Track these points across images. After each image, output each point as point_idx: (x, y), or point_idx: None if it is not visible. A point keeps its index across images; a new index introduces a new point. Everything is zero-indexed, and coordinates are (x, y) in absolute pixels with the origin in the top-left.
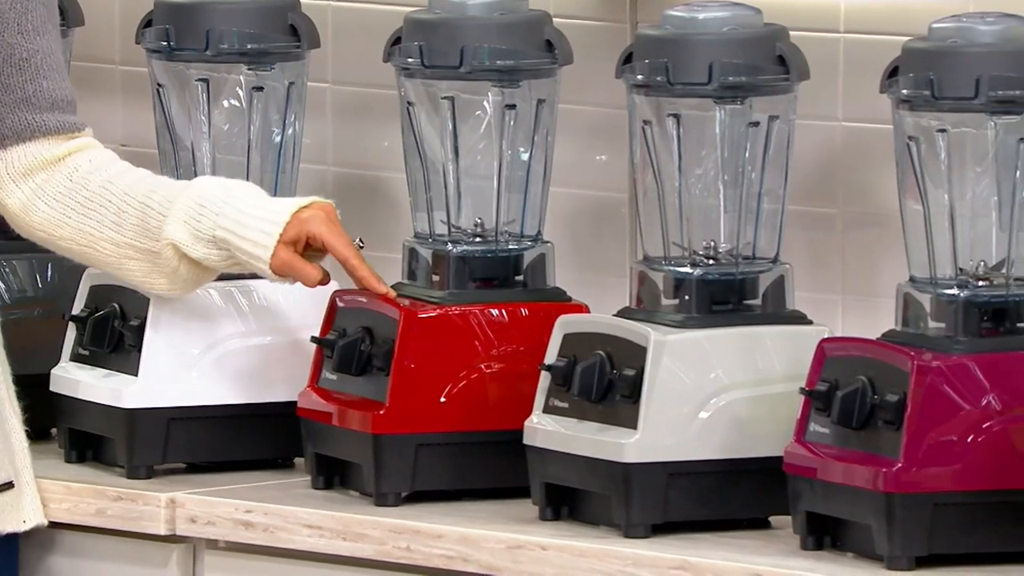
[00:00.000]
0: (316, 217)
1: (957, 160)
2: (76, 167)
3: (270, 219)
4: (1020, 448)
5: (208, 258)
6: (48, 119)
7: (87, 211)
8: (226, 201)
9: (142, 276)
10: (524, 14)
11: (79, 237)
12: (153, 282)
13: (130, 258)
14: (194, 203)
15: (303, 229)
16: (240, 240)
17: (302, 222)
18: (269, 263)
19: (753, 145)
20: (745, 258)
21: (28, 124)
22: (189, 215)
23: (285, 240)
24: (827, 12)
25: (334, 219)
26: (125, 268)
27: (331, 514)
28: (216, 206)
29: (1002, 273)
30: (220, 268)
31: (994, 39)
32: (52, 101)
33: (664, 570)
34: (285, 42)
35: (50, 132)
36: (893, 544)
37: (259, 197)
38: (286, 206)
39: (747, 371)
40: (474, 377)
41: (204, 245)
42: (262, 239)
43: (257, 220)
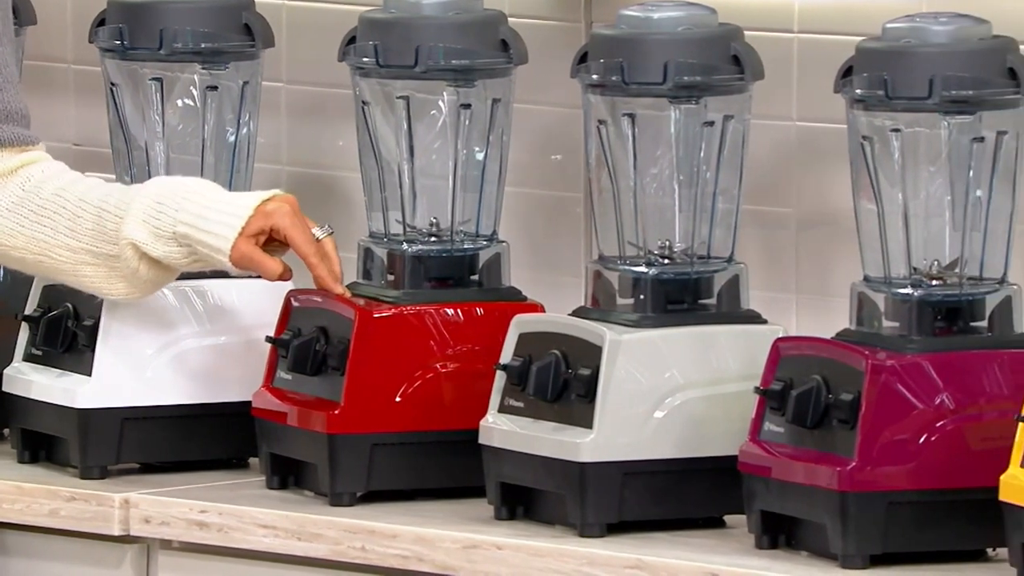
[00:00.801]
0: (281, 210)
1: (911, 160)
2: (28, 177)
3: (233, 212)
4: (973, 447)
5: (169, 256)
6: (1, 131)
7: (40, 219)
8: (185, 197)
9: (99, 282)
10: (479, 14)
11: (32, 246)
12: (111, 287)
13: (86, 264)
14: (152, 201)
15: (267, 222)
16: (201, 234)
17: (267, 215)
18: (229, 255)
19: (708, 145)
20: (700, 257)
21: None
22: (148, 214)
23: (248, 233)
24: (781, 12)
25: (298, 213)
26: (81, 275)
27: (286, 514)
28: (175, 202)
29: (955, 272)
30: (181, 266)
31: (947, 39)
32: (6, 114)
33: (619, 569)
34: (239, 41)
35: (3, 144)
36: (847, 543)
37: (218, 192)
38: (249, 199)
39: (702, 370)
40: (429, 377)
41: (165, 243)
42: (224, 231)
43: (219, 213)
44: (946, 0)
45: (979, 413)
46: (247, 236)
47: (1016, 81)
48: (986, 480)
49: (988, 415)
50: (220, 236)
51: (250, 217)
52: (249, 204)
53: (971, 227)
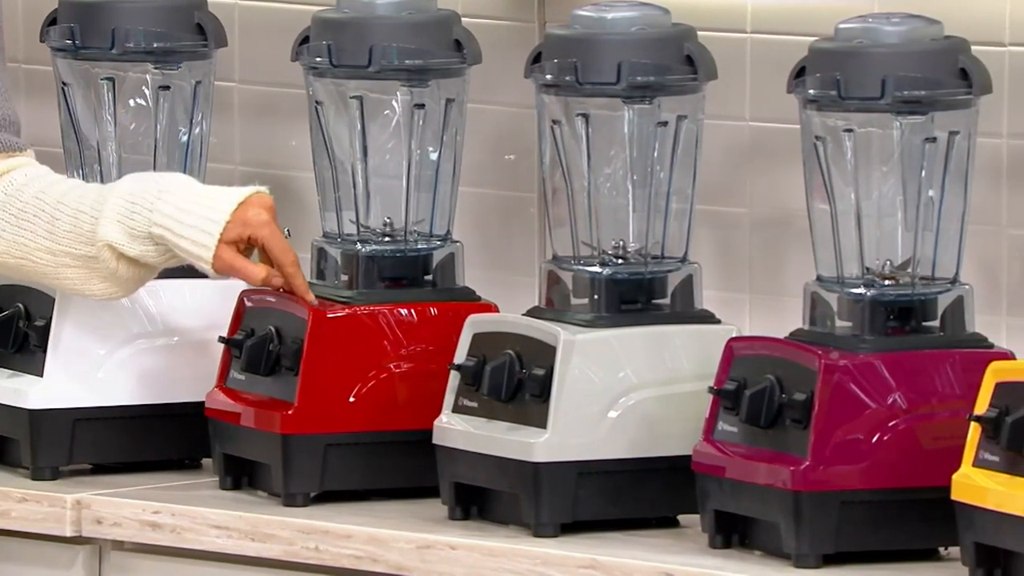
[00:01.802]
0: (259, 219)
1: (863, 160)
2: (11, 181)
3: (209, 217)
4: (926, 446)
5: (146, 255)
6: None
7: (20, 223)
8: (159, 197)
9: (81, 283)
10: (433, 14)
11: (14, 249)
12: (94, 288)
13: (67, 266)
14: (125, 201)
15: (246, 231)
16: (178, 239)
17: (245, 224)
18: (212, 264)
19: (661, 145)
20: (654, 257)
21: None
22: (122, 214)
23: (227, 239)
24: (734, 12)
25: (275, 219)
26: (63, 277)
27: (239, 515)
28: (148, 202)
29: (908, 272)
30: (160, 263)
31: (899, 39)
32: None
33: (573, 569)
34: (192, 41)
35: None
36: (801, 542)
37: (193, 192)
38: (224, 204)
39: (656, 370)
40: (383, 377)
41: (141, 243)
42: (202, 239)
43: (195, 218)
44: (898, 1)
45: (931, 412)
46: (227, 243)
47: (968, 81)
48: (938, 479)
49: (940, 414)
50: (199, 244)
51: (228, 223)
52: (226, 209)
53: (923, 227)
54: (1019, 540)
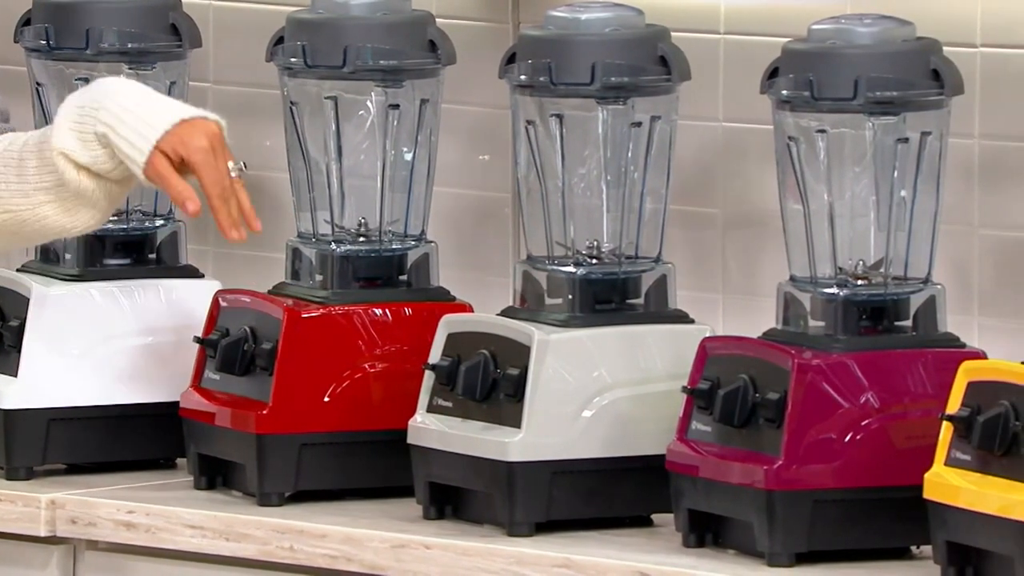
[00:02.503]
0: (197, 143)
1: (836, 160)
2: None
3: (149, 122)
4: (898, 445)
5: (96, 160)
6: None
7: None
8: (106, 95)
9: (60, 218)
10: (407, 14)
11: None
12: (75, 219)
13: (44, 203)
14: (76, 108)
15: (179, 150)
16: (118, 138)
17: (182, 141)
18: (143, 168)
19: (635, 145)
20: (628, 258)
21: None
22: (73, 120)
23: (163, 148)
24: (708, 13)
25: (218, 146)
26: (42, 217)
27: (214, 514)
28: (96, 102)
29: (880, 272)
30: (112, 173)
31: (872, 40)
32: None
33: (548, 568)
34: (166, 41)
35: None
36: (774, 541)
37: (143, 95)
38: (168, 115)
39: (630, 370)
40: (358, 377)
41: (90, 147)
42: (138, 142)
43: (136, 119)
44: (871, 2)
45: (904, 412)
46: (162, 152)
47: (940, 82)
48: (911, 478)
49: (912, 414)
50: (135, 147)
51: (166, 133)
52: (167, 120)
53: (896, 227)
54: (990, 538)
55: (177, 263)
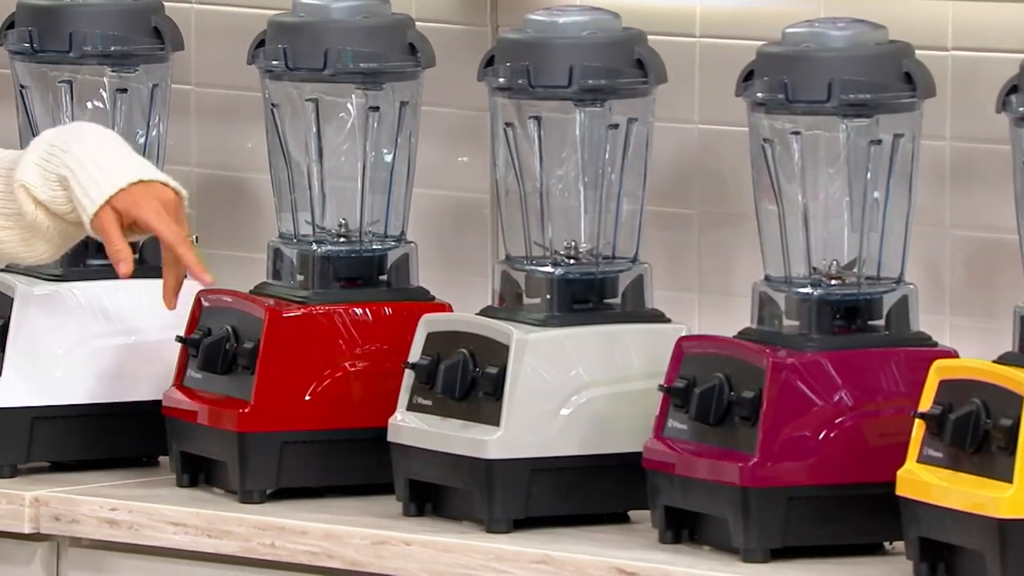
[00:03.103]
0: (148, 204)
1: (810, 162)
2: None
3: (109, 177)
4: (871, 443)
5: (54, 200)
6: None
7: None
8: (77, 140)
9: (16, 246)
10: (387, 17)
11: None
12: (31, 250)
13: (3, 228)
14: (47, 144)
15: (131, 210)
16: (76, 185)
17: (135, 202)
18: (90, 219)
19: (612, 147)
20: (605, 258)
21: None
22: (40, 156)
23: (114, 204)
24: (683, 17)
25: (171, 209)
26: (1, 240)
27: (196, 511)
28: (65, 144)
29: (854, 272)
30: (68, 215)
31: (846, 44)
32: None
33: (526, 564)
34: (149, 44)
35: None
36: (749, 537)
37: (112, 148)
38: (128, 174)
39: (607, 369)
40: (338, 376)
41: (51, 186)
42: (93, 192)
43: (97, 170)
44: (844, 6)
45: (877, 410)
46: (113, 208)
47: (912, 85)
48: (884, 475)
49: (885, 412)
50: (88, 196)
51: (121, 191)
52: (127, 178)
53: (869, 228)
54: (962, 534)
55: (159, 263)
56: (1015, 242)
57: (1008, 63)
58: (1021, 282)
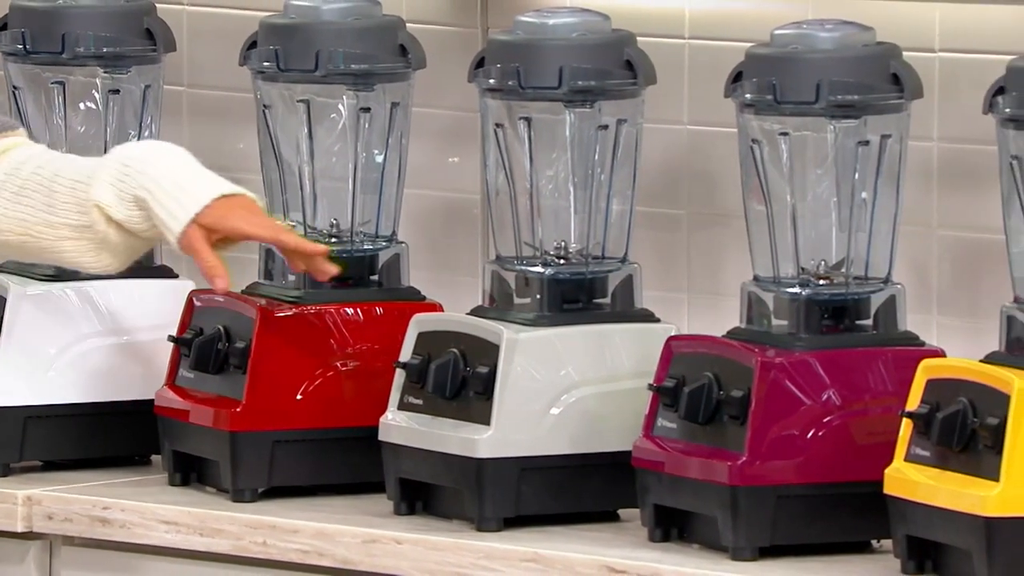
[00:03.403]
0: (236, 213)
1: (798, 162)
2: (10, 160)
3: (192, 194)
4: (859, 442)
5: (131, 219)
6: None
7: (20, 199)
8: (153, 162)
9: (80, 256)
10: (378, 19)
11: (15, 227)
12: (93, 260)
13: (66, 238)
14: (120, 164)
15: (221, 223)
16: (157, 205)
17: (222, 216)
18: (177, 238)
19: (602, 148)
20: (595, 258)
21: None
22: (116, 175)
23: (200, 222)
24: (673, 18)
25: (256, 211)
26: (63, 250)
27: (188, 510)
28: (140, 165)
29: (842, 272)
30: (144, 233)
31: (833, 45)
32: None
33: (516, 562)
34: (141, 46)
35: None
36: (738, 535)
37: (187, 165)
38: (210, 189)
39: (597, 368)
40: (330, 375)
41: (127, 206)
42: (178, 212)
43: (179, 189)
44: (832, 8)
45: (864, 409)
46: (200, 225)
47: (899, 86)
48: (871, 474)
49: (873, 411)
50: (173, 216)
51: (206, 207)
52: (209, 194)
53: (857, 228)
54: (949, 532)
55: (152, 263)
56: (1001, 242)
57: (994, 65)
58: (1007, 282)
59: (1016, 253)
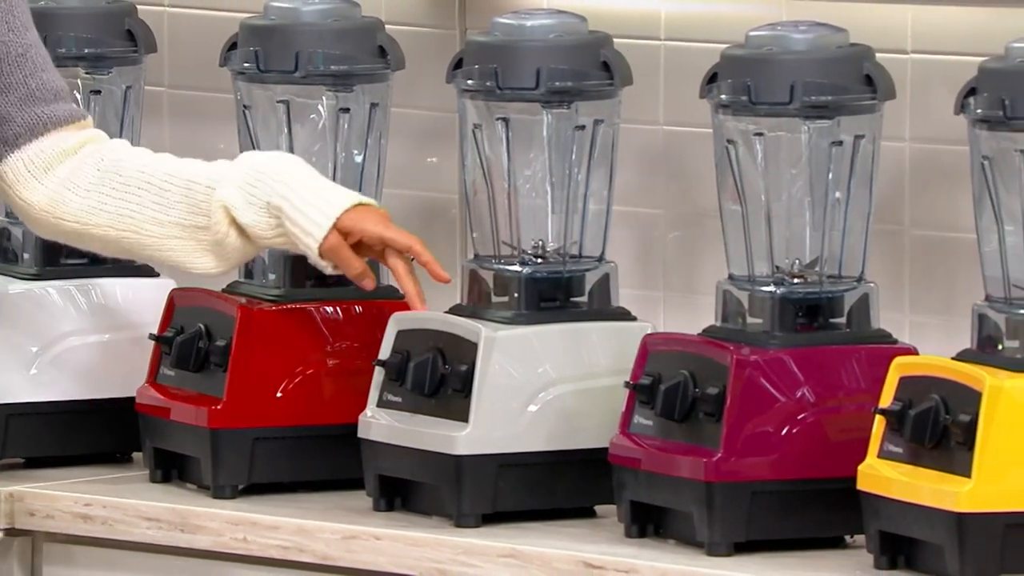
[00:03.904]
0: (371, 218)
1: (773, 163)
2: (101, 158)
3: (329, 200)
4: (833, 438)
5: (257, 224)
6: (57, 111)
7: (125, 195)
8: (287, 171)
9: (185, 255)
10: (357, 21)
11: (117, 223)
12: (196, 261)
13: (174, 237)
14: (252, 170)
15: (357, 226)
16: (295, 212)
17: (358, 219)
18: (320, 243)
19: (579, 148)
20: (572, 257)
21: (40, 119)
22: (246, 180)
23: (339, 227)
24: (648, 20)
25: (387, 219)
26: (167, 248)
27: (169, 506)
28: (276, 173)
29: (815, 271)
30: (265, 240)
31: (807, 47)
32: (55, 92)
33: (494, 558)
34: (122, 46)
35: (61, 123)
36: (713, 531)
37: (317, 177)
38: (346, 196)
39: (574, 366)
40: (310, 373)
41: (255, 211)
42: (318, 218)
43: (316, 197)
44: (806, 10)
45: (838, 406)
46: (338, 229)
47: (872, 87)
48: (845, 470)
49: (847, 408)
50: (313, 222)
51: (345, 211)
52: (346, 200)
53: (830, 227)
54: (921, 528)
55: (133, 262)
56: (973, 241)
57: (966, 66)
58: (979, 280)
59: (987, 252)
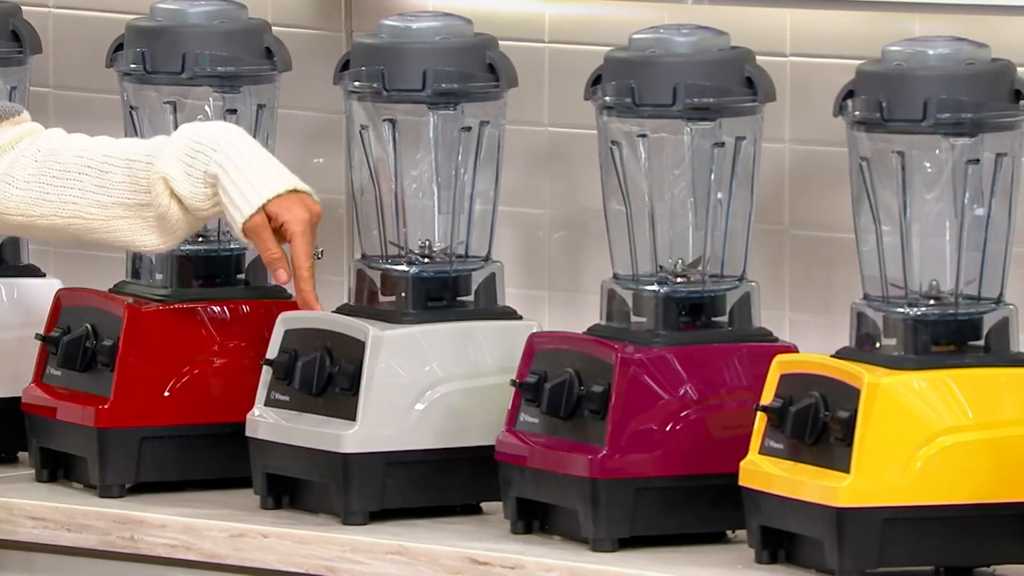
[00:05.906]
0: (300, 216)
1: (656, 163)
2: (38, 149)
3: (265, 181)
4: (715, 435)
5: (194, 195)
6: None
7: (66, 182)
8: (227, 141)
9: (132, 234)
10: (244, 22)
11: (61, 210)
12: (144, 239)
13: (120, 218)
14: (190, 141)
15: (283, 216)
16: (229, 184)
17: (288, 208)
18: (245, 219)
19: (465, 149)
20: (458, 256)
21: None
22: (184, 152)
23: (267, 209)
24: (533, 23)
25: (313, 226)
26: (114, 229)
27: (55, 506)
28: (213, 143)
29: (698, 270)
30: (203, 211)
31: (689, 50)
32: None
33: (382, 555)
34: (7, 47)
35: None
36: (598, 527)
37: (258, 151)
38: (282, 180)
39: (461, 364)
40: (197, 372)
41: (193, 181)
42: (249, 194)
43: (253, 173)
44: (687, 14)
45: (720, 403)
46: (266, 212)
47: (753, 89)
48: (727, 467)
49: (729, 405)
50: (244, 197)
51: (277, 196)
52: (282, 184)
53: (712, 227)
54: (801, 523)
55: (19, 262)
56: (852, 241)
57: (844, 69)
58: (857, 279)
59: (865, 251)
